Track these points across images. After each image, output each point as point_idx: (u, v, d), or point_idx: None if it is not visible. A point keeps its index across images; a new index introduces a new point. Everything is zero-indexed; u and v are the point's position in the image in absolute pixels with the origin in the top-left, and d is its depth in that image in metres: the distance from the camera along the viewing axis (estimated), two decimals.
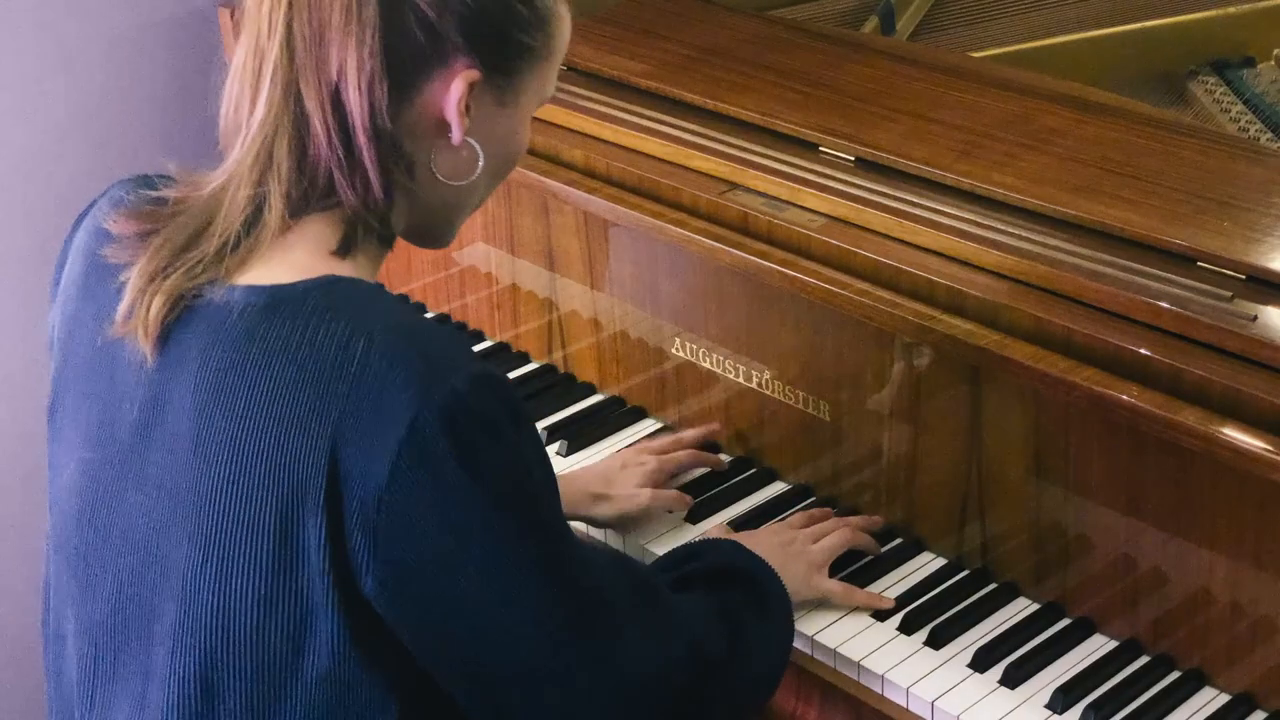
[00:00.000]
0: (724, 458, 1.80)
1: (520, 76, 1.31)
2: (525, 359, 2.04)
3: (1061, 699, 1.48)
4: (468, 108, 1.27)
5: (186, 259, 1.25)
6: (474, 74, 1.26)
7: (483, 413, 1.18)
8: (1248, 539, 1.43)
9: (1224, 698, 1.49)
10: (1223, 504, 1.44)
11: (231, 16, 2.17)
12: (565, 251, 1.94)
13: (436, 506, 1.17)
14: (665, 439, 1.79)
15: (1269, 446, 1.36)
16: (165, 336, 1.25)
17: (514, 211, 1.98)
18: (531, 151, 1.92)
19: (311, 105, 1.23)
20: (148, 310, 1.24)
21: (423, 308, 2.16)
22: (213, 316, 1.23)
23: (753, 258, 1.69)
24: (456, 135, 1.28)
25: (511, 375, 2.01)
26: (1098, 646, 1.55)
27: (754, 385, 1.78)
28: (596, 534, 1.73)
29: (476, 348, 2.07)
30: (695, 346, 1.83)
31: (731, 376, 1.80)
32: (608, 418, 1.92)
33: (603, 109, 1.92)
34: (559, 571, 1.23)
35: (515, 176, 1.91)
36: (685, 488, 1.77)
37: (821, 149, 1.79)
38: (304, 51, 1.23)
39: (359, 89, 1.22)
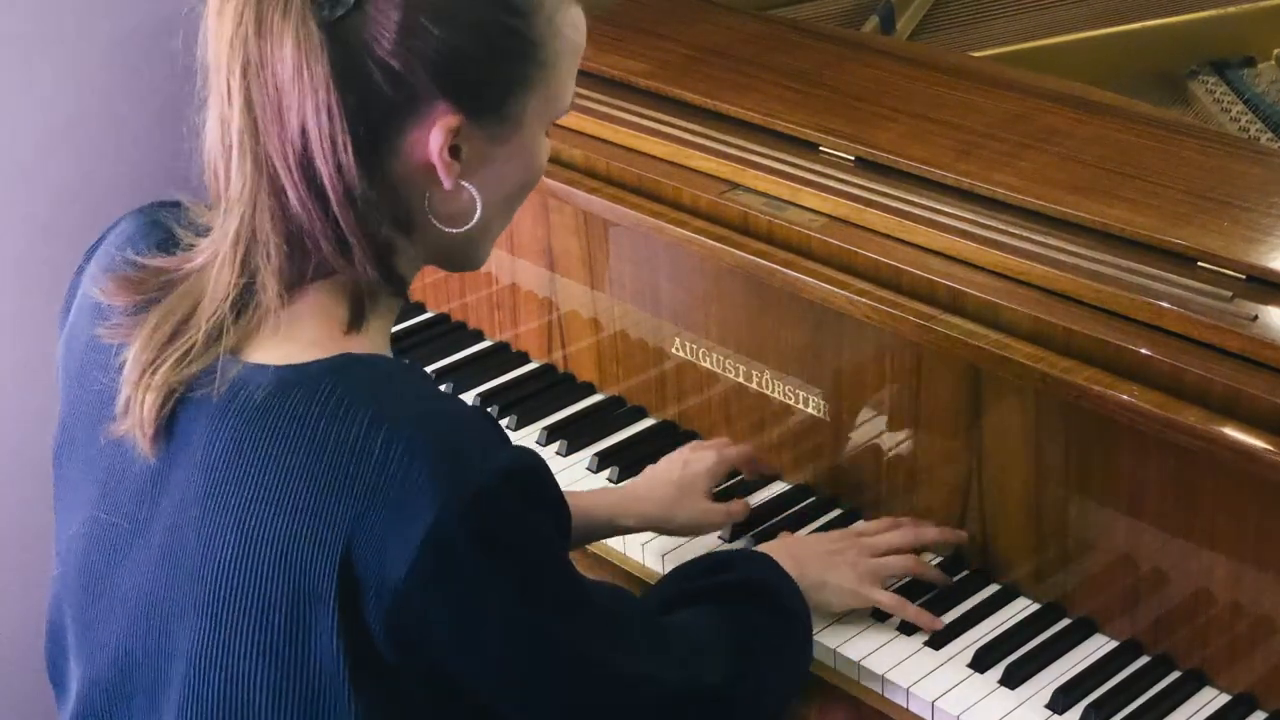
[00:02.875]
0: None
1: (515, 109, 1.22)
2: (525, 359, 2.04)
3: (1061, 699, 1.48)
4: (456, 150, 1.20)
5: (174, 349, 1.19)
6: (453, 120, 1.18)
7: (508, 509, 1.14)
8: (1248, 539, 1.43)
9: (1224, 698, 1.49)
10: (1223, 504, 1.44)
11: None
12: (565, 251, 1.94)
13: (457, 600, 1.14)
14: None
15: (1269, 446, 1.36)
16: (167, 427, 1.21)
17: None
18: None
19: (283, 175, 1.16)
20: (141, 407, 1.20)
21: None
22: (216, 399, 1.18)
23: (753, 258, 1.69)
24: (446, 183, 1.20)
25: (511, 375, 2.01)
26: (1098, 646, 1.55)
27: (754, 385, 1.78)
28: None
29: (476, 347, 2.07)
30: (695, 346, 1.82)
31: (731, 376, 1.80)
32: (608, 418, 1.92)
33: (603, 109, 1.92)
34: (577, 636, 1.22)
35: None
36: None
37: (821, 149, 1.79)
38: (265, 118, 1.15)
39: (322, 152, 1.15)
